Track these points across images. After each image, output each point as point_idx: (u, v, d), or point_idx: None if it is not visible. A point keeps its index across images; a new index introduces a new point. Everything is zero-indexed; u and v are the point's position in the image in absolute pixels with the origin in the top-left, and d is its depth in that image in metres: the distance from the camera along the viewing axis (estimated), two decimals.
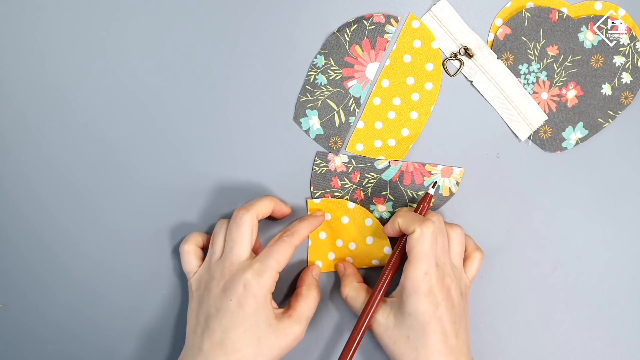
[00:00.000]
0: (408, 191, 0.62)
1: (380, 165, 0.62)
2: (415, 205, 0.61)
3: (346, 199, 0.62)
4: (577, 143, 0.62)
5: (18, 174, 0.62)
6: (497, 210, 0.62)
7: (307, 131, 0.61)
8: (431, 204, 0.60)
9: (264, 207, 0.57)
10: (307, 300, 0.57)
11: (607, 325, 0.63)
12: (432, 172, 0.62)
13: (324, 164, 0.62)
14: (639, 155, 0.62)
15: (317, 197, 0.62)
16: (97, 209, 0.62)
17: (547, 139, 0.62)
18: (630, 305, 0.63)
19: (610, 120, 0.61)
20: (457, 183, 0.62)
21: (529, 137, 0.62)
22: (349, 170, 0.62)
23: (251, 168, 0.62)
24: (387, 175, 0.62)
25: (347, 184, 0.62)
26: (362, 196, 0.62)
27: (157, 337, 0.63)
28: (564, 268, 0.63)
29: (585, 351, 0.63)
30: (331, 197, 0.62)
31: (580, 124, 0.61)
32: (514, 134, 0.62)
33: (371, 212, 0.62)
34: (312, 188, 0.62)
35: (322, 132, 0.61)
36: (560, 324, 0.63)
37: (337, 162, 0.62)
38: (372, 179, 0.62)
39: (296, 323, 0.56)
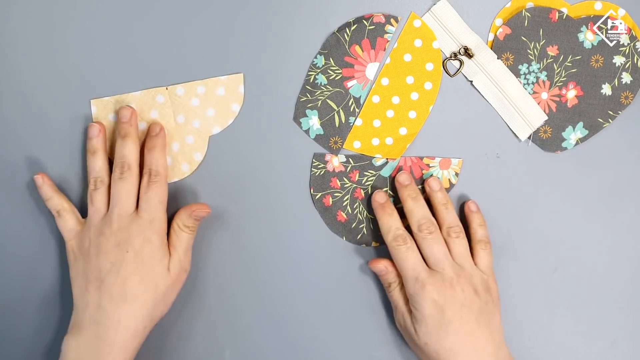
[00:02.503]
0: None
1: (378, 162, 0.62)
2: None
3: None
4: (577, 143, 0.62)
5: (15, 175, 0.62)
6: (497, 210, 0.62)
7: (307, 131, 0.61)
8: None
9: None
10: (181, 235, 0.59)
11: (607, 325, 0.63)
12: (430, 165, 0.62)
13: (322, 165, 0.62)
14: (639, 155, 0.62)
15: (318, 199, 0.62)
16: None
17: (547, 139, 0.62)
18: (630, 305, 0.63)
19: (610, 120, 0.61)
20: (457, 174, 0.62)
21: (529, 137, 0.62)
22: (348, 170, 0.62)
23: (251, 168, 0.62)
24: (386, 172, 0.62)
25: (347, 183, 0.62)
26: (363, 194, 0.62)
27: (156, 337, 0.63)
28: (564, 268, 0.63)
29: (585, 351, 0.63)
30: (331, 198, 0.62)
31: (580, 124, 0.61)
32: (514, 134, 0.62)
33: (372, 209, 0.62)
34: (312, 190, 0.62)
35: (322, 132, 0.61)
36: (560, 324, 0.63)
37: (335, 162, 0.62)
38: (372, 176, 0.62)
39: (177, 260, 0.58)
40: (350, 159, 0.62)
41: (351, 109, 0.61)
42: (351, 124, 0.61)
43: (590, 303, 0.63)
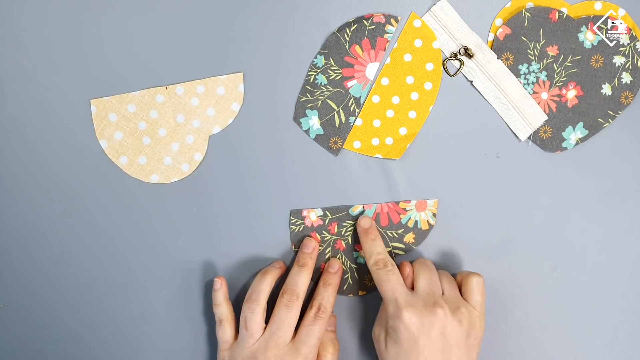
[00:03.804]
0: (387, 232, 0.62)
1: (355, 211, 0.62)
2: (397, 245, 0.63)
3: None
4: (577, 143, 0.62)
5: (15, 175, 0.62)
6: (497, 210, 0.62)
7: (307, 131, 0.61)
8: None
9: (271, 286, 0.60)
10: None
11: (606, 325, 0.63)
12: (407, 209, 0.62)
13: (300, 221, 0.62)
14: (639, 155, 0.62)
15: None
16: (96, 208, 0.62)
17: (547, 139, 0.62)
18: (630, 305, 0.63)
19: (610, 120, 0.61)
20: (434, 215, 0.62)
21: (529, 137, 0.62)
22: (326, 223, 0.62)
23: (250, 168, 0.62)
24: None
25: (327, 236, 0.62)
26: (344, 245, 0.62)
27: (157, 337, 0.63)
28: (564, 268, 0.63)
29: (585, 351, 0.63)
30: None
31: (581, 124, 0.61)
32: (514, 134, 0.62)
33: (355, 258, 0.63)
34: (293, 247, 0.62)
35: (322, 132, 0.61)
36: (559, 323, 0.63)
37: (313, 216, 0.62)
38: (350, 226, 0.62)
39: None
40: (327, 212, 0.62)
41: (351, 109, 0.61)
42: (351, 124, 0.61)
43: (589, 303, 0.63)
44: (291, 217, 0.62)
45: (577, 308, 0.63)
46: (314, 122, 0.61)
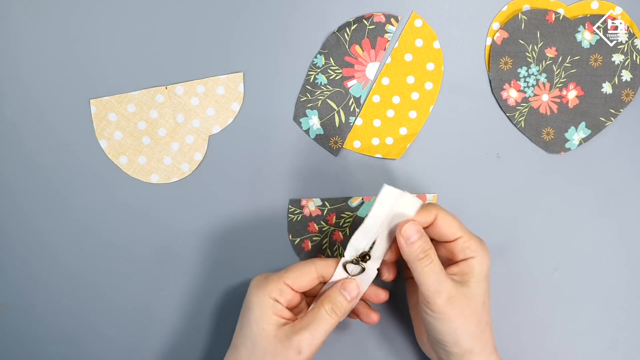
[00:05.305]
0: None
1: (354, 203, 0.61)
2: None
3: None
4: (580, 143, 0.62)
5: (14, 175, 0.61)
6: (497, 210, 0.62)
7: (307, 131, 0.61)
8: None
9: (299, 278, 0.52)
10: (315, 317, 0.51)
11: (607, 325, 0.62)
12: None
13: (299, 210, 0.62)
14: None
15: (297, 244, 0.62)
16: (95, 208, 0.62)
17: (551, 140, 0.62)
18: (631, 305, 0.62)
19: (612, 118, 0.61)
20: None
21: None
22: (324, 213, 0.62)
23: (250, 168, 0.62)
24: (363, 212, 0.62)
25: (325, 226, 0.62)
26: (342, 236, 0.62)
27: (157, 338, 0.62)
28: (565, 268, 0.62)
29: (586, 352, 0.62)
30: (310, 242, 0.62)
31: (583, 123, 0.61)
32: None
33: None
34: (290, 236, 0.62)
35: (322, 132, 0.61)
36: (560, 324, 0.62)
37: (311, 206, 0.62)
38: (349, 218, 0.62)
39: (295, 339, 0.50)
40: (326, 202, 0.61)
41: (351, 109, 0.61)
42: (351, 124, 0.61)
43: (590, 303, 0.62)
44: (290, 206, 0.61)
45: (579, 309, 0.62)
46: (314, 122, 0.61)
